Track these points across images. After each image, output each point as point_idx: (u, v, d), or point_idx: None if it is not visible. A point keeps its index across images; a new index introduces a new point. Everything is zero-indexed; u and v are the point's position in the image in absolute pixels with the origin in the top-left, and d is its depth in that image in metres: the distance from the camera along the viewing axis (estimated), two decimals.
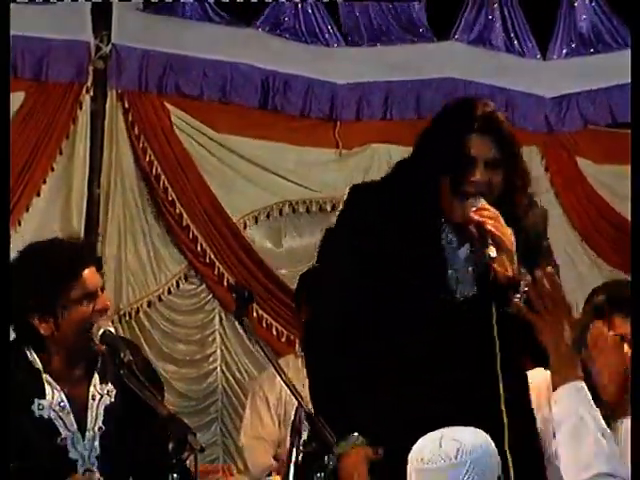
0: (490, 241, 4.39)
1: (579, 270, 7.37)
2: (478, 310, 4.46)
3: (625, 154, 7.42)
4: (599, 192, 7.79)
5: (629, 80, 7.10)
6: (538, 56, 7.54)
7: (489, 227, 4.38)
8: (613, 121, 7.83)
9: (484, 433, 3.65)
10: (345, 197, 4.63)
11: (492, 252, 4.36)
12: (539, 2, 7.63)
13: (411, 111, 7.18)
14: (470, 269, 4.51)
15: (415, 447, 3.62)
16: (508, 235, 4.44)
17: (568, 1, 7.66)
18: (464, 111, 4.51)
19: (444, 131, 4.53)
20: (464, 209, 4.43)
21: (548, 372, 4.52)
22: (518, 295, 4.29)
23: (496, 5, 7.51)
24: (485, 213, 4.43)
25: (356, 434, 4.32)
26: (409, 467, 3.65)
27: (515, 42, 7.55)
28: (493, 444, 3.63)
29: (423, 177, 4.55)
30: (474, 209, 4.43)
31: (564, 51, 7.65)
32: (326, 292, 4.68)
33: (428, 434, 3.65)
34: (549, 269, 4.19)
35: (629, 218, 7.65)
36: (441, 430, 3.68)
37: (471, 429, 3.68)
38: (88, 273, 4.55)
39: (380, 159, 6.74)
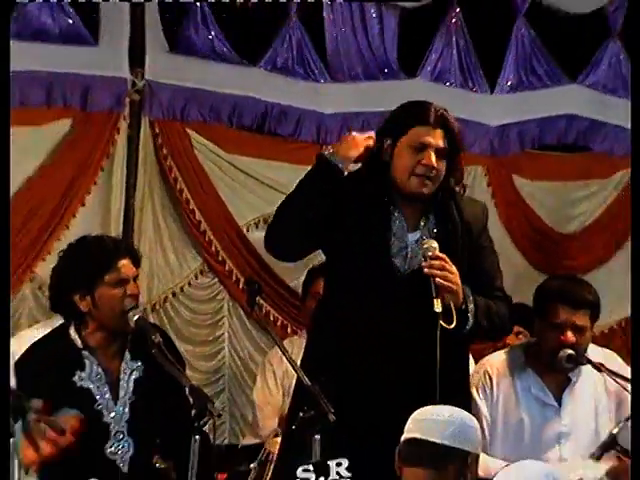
0: (436, 293, 4.76)
1: (513, 270, 7.39)
2: (417, 279, 4.82)
3: (552, 172, 8.27)
4: (528, 203, 8.05)
5: (559, 112, 8.27)
6: (487, 90, 7.90)
7: (438, 280, 4.76)
8: (543, 145, 8.18)
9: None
10: None
11: (438, 308, 4.75)
12: (489, 46, 7.87)
13: None
14: (415, 247, 4.91)
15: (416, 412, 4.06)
16: (455, 279, 4.83)
17: (514, 45, 7.92)
18: (422, 107, 4.96)
19: (398, 121, 4.99)
20: (417, 186, 4.84)
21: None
22: (466, 329, 4.85)
23: (454, 50, 7.77)
24: (435, 264, 4.81)
25: None
26: (409, 423, 4.04)
27: (468, 79, 7.85)
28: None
29: (383, 168, 4.97)
30: (426, 259, 4.80)
31: (508, 86, 7.97)
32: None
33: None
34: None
35: (557, 226, 8.19)
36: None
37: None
38: (124, 263, 5.12)
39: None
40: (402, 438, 3.98)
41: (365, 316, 4.91)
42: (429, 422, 3.99)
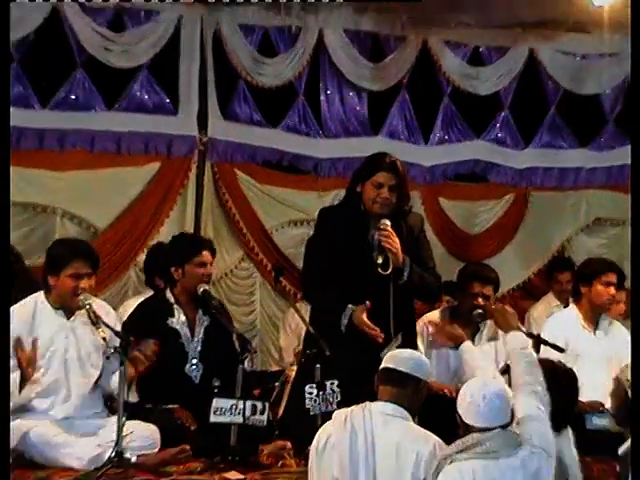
0: (380, 251, 4.97)
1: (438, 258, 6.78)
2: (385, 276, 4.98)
3: (463, 195, 8.13)
4: (449, 216, 8.10)
5: (468, 157, 7.93)
6: (422, 143, 7.95)
7: (383, 243, 4.98)
8: (458, 178, 8.18)
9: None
10: (317, 215, 5.41)
11: (379, 260, 4.96)
12: (425, 115, 7.94)
13: None
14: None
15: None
16: (395, 245, 4.98)
17: (441, 114, 7.96)
18: (379, 158, 5.16)
19: (366, 169, 5.16)
20: (378, 209, 5.00)
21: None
22: (403, 278, 5.04)
23: (403, 118, 7.83)
24: (383, 234, 4.97)
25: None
26: (385, 359, 4.04)
27: (411, 136, 7.92)
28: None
29: (358, 199, 5.14)
30: (379, 229, 4.96)
31: (436, 140, 8.02)
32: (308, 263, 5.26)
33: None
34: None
35: (466, 230, 8.13)
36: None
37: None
38: (205, 253, 5.42)
39: (340, 197, 5.93)
40: (380, 368, 3.98)
41: (352, 285, 5.05)
42: (397, 358, 4.03)
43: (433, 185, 8.01)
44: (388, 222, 5.02)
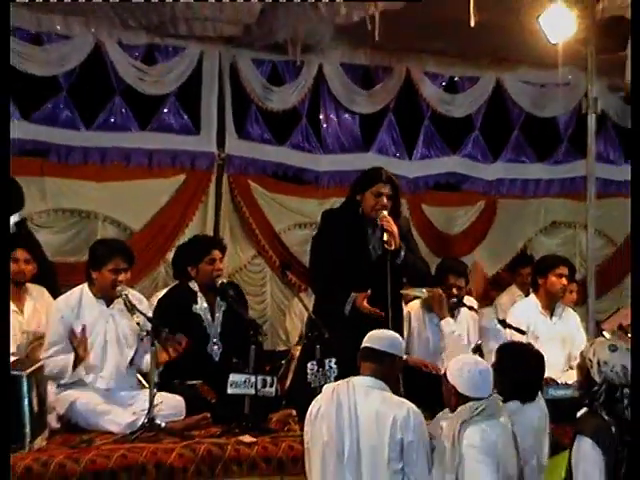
0: (385, 231, 4.98)
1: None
2: (384, 261, 5.00)
3: (442, 202, 8.02)
4: (430, 220, 8.02)
5: (446, 170, 7.85)
6: (407, 158, 7.91)
7: (385, 226, 4.99)
8: (437, 187, 8.13)
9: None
10: (319, 219, 5.38)
11: (385, 237, 4.97)
12: (409, 134, 7.90)
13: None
14: (379, 246, 5.08)
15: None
16: (394, 228, 5.01)
17: (422, 134, 7.91)
18: (378, 171, 5.19)
19: (366, 181, 5.16)
20: (378, 217, 5.03)
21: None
22: (400, 257, 5.06)
23: (390, 137, 7.76)
24: (384, 219, 5.02)
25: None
26: (365, 338, 3.97)
27: (397, 152, 7.88)
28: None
29: (357, 205, 5.13)
30: (380, 217, 5.03)
31: (419, 156, 7.99)
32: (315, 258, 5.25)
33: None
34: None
35: (445, 232, 8.01)
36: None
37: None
38: (216, 252, 5.37)
39: (338, 204, 5.90)
40: (361, 347, 3.95)
41: (353, 275, 5.05)
42: (375, 338, 3.98)
43: (417, 194, 7.99)
44: (386, 212, 5.05)
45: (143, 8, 6.32)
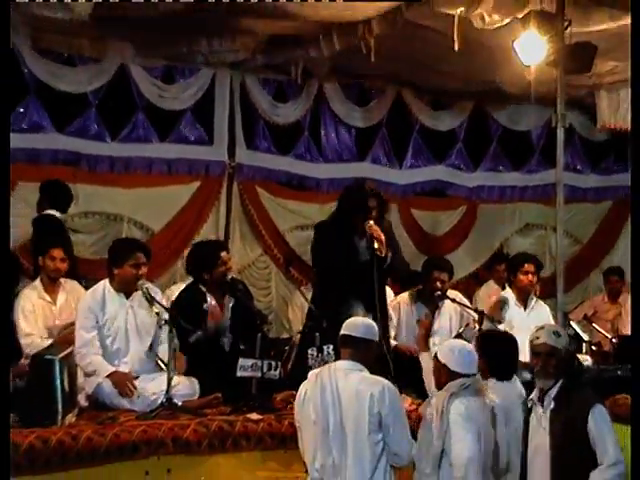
0: (375, 239, 5.03)
1: (409, 254, 6.90)
2: (371, 265, 5.08)
3: (429, 206, 8.00)
4: (418, 222, 8.00)
5: (432, 178, 7.84)
6: (398, 167, 7.91)
7: (375, 235, 5.04)
8: (424, 194, 8.10)
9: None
10: (314, 228, 5.42)
11: (376, 245, 5.03)
12: (400, 145, 7.87)
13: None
14: (367, 250, 5.13)
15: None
16: (382, 236, 5.06)
17: (411, 146, 7.93)
18: (364, 190, 5.22)
19: (356, 194, 5.20)
20: (365, 226, 5.08)
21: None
22: (387, 262, 5.12)
23: (383, 148, 7.74)
24: (372, 228, 5.07)
25: None
26: (343, 326, 3.89)
27: (389, 162, 7.87)
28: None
29: (348, 216, 5.16)
30: (368, 227, 5.07)
31: (408, 165, 7.97)
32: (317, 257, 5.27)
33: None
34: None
35: (431, 233, 7.97)
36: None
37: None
38: (223, 254, 5.27)
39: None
40: (339, 335, 3.88)
41: (346, 275, 5.08)
42: (351, 325, 3.92)
43: (406, 199, 7.97)
44: (372, 222, 5.05)
45: (163, 44, 6.40)
